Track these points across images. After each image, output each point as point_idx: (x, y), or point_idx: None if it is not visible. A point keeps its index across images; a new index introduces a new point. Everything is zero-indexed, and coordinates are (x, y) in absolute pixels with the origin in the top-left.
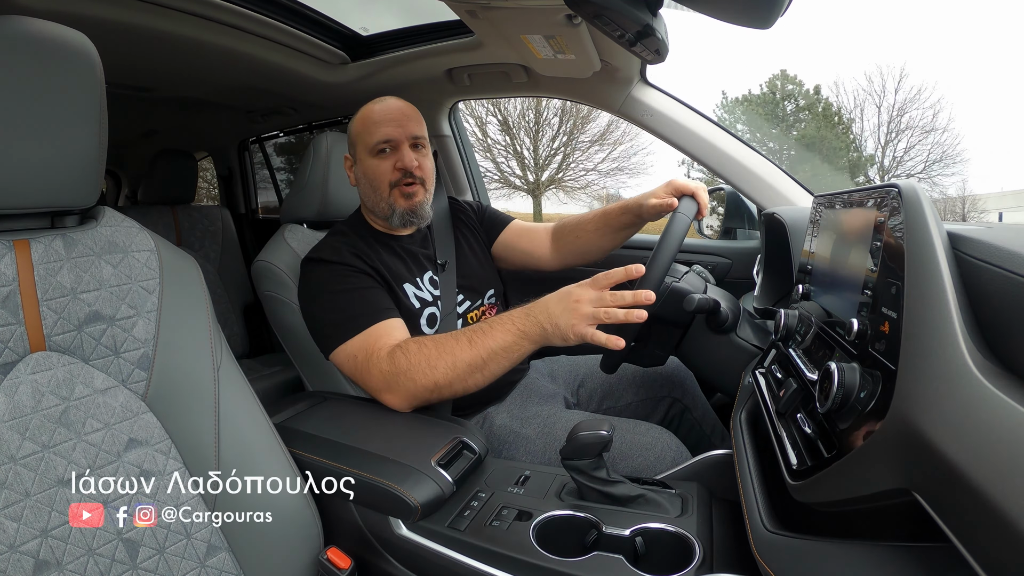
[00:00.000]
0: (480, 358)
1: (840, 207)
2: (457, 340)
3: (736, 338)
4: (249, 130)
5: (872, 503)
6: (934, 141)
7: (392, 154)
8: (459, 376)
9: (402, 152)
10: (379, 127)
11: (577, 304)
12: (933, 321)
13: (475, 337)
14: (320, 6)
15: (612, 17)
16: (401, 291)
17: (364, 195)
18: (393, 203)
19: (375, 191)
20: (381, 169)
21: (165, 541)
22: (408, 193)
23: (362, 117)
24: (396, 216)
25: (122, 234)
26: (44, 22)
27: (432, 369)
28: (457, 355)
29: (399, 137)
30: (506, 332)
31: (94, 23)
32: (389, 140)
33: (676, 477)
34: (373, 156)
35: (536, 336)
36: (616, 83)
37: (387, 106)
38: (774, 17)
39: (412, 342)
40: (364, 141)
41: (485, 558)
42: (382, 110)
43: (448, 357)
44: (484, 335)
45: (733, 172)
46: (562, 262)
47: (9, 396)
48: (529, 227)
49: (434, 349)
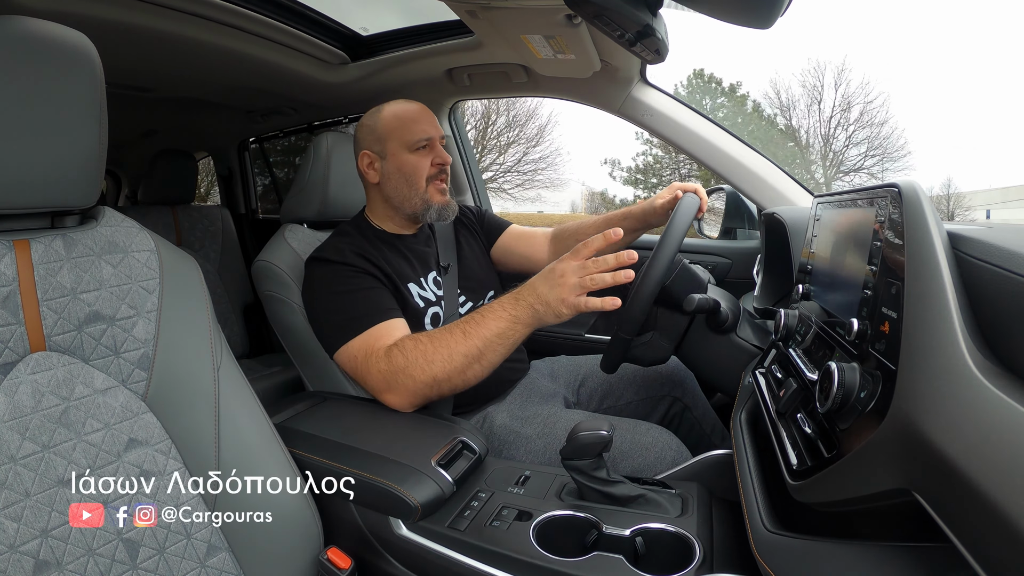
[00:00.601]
0: (476, 348)
1: (840, 207)
2: (451, 333)
3: (736, 338)
4: (249, 130)
5: (872, 503)
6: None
7: (429, 151)
8: (457, 368)
9: (439, 149)
10: (418, 124)
11: (562, 278)
12: (933, 321)
13: (469, 328)
14: (320, 6)
15: (612, 17)
16: (406, 290)
17: (393, 190)
18: (429, 198)
19: (411, 186)
20: (422, 164)
21: (165, 541)
22: (443, 189)
23: (394, 115)
24: (432, 210)
25: (122, 234)
26: (44, 22)
27: (429, 364)
28: (453, 347)
29: (436, 135)
30: (498, 319)
31: (94, 23)
32: (429, 137)
33: (676, 477)
34: (412, 152)
35: (528, 318)
36: (616, 83)
37: (419, 106)
38: (774, 17)
39: (408, 339)
40: (402, 137)
41: (485, 558)
42: (415, 109)
43: (444, 350)
44: (477, 325)
45: (733, 172)
46: None
47: (9, 396)
48: (527, 231)
49: (430, 344)
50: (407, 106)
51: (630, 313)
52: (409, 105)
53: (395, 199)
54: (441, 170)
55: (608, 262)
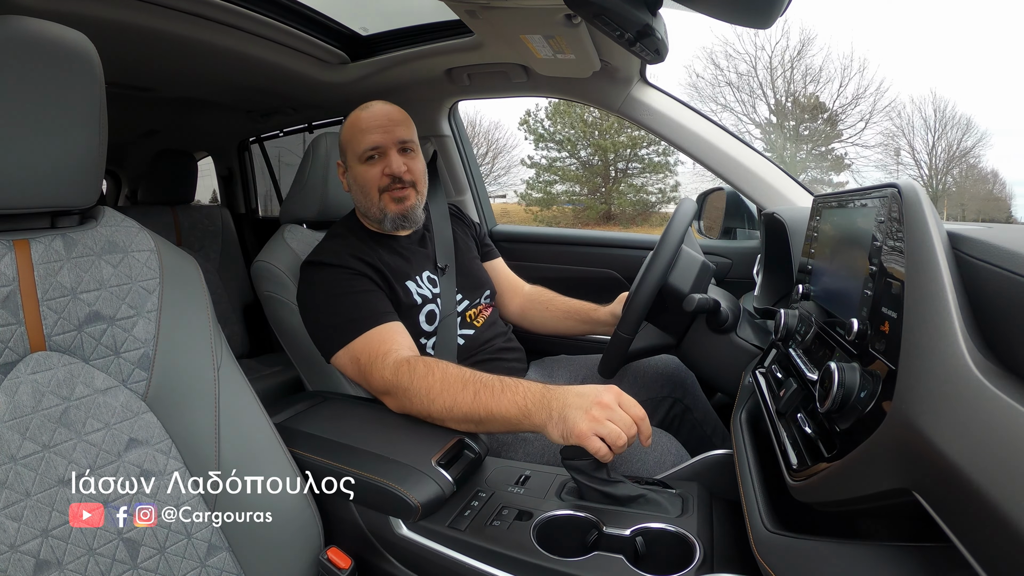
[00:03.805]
0: (477, 415)
1: (840, 207)
2: (464, 386)
3: (736, 338)
4: (249, 130)
5: (872, 503)
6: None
7: (380, 160)
8: (454, 419)
9: (390, 158)
10: (365, 135)
11: (601, 408)
12: (933, 321)
13: (481, 392)
14: (320, 6)
15: (612, 17)
16: (401, 287)
17: (357, 200)
18: (384, 208)
19: (366, 197)
20: (370, 175)
21: (165, 541)
22: (398, 198)
23: (349, 125)
24: (388, 220)
25: (122, 234)
26: (44, 22)
27: (430, 402)
28: (458, 401)
29: (386, 143)
30: (512, 404)
31: (94, 23)
32: (376, 147)
33: (676, 477)
34: (362, 163)
35: (539, 421)
36: (616, 83)
37: (373, 112)
38: (774, 17)
39: (420, 363)
40: (352, 149)
41: (485, 558)
42: (368, 117)
43: (448, 399)
44: (491, 395)
45: (733, 172)
46: (520, 322)
47: (9, 396)
48: (509, 276)
49: (438, 383)
50: (363, 113)
51: (630, 313)
52: (366, 112)
53: (360, 208)
54: (395, 180)
55: (632, 432)
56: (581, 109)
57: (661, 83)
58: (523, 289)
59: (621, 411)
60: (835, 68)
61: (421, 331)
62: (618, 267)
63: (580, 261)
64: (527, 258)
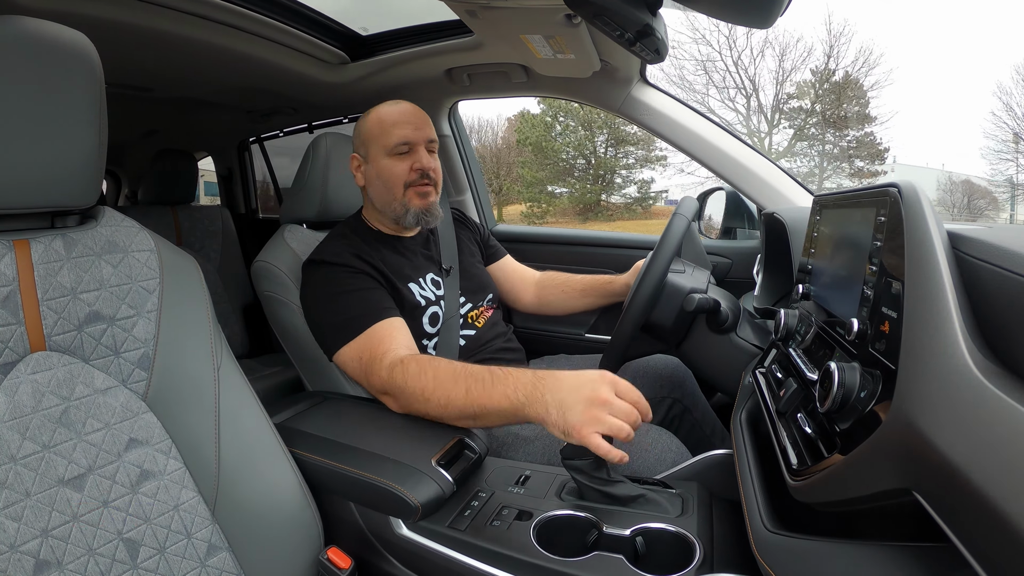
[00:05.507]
0: (471, 411)
1: (840, 207)
2: (456, 382)
3: (736, 338)
4: (249, 130)
5: (873, 503)
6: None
7: (410, 155)
8: (450, 417)
9: (419, 154)
10: (397, 128)
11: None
12: (933, 321)
13: (473, 388)
14: (320, 6)
15: (612, 17)
16: (405, 288)
17: (375, 194)
18: (408, 203)
19: (389, 191)
20: (398, 169)
21: (165, 541)
22: (423, 193)
23: (377, 118)
24: (410, 215)
25: (122, 234)
26: (44, 22)
27: (425, 401)
28: (452, 398)
29: (417, 139)
30: (503, 397)
31: (94, 23)
32: (408, 142)
33: (676, 477)
34: (390, 156)
35: (534, 415)
36: (616, 83)
37: (403, 109)
38: (774, 17)
39: (413, 362)
40: (381, 142)
41: (485, 558)
42: (399, 112)
43: (442, 397)
44: (482, 389)
45: (733, 172)
46: (539, 309)
47: (9, 396)
48: (518, 268)
49: (431, 382)
50: (392, 108)
51: (630, 313)
52: (395, 107)
53: (378, 203)
54: (422, 175)
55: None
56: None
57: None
58: (535, 278)
59: (619, 401)
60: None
61: (424, 332)
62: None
63: (580, 261)
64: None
